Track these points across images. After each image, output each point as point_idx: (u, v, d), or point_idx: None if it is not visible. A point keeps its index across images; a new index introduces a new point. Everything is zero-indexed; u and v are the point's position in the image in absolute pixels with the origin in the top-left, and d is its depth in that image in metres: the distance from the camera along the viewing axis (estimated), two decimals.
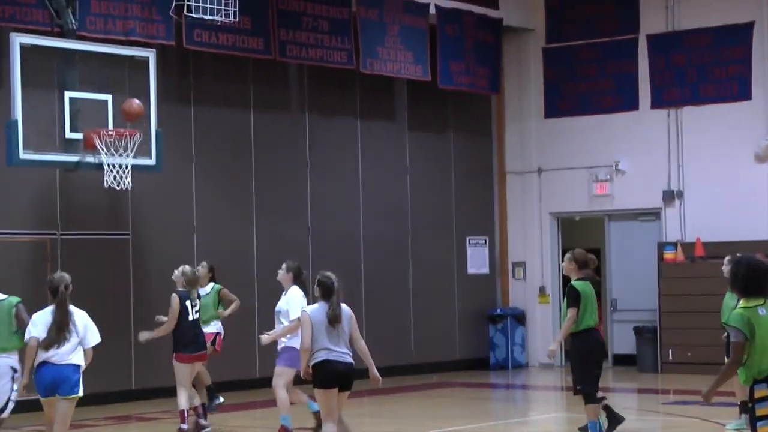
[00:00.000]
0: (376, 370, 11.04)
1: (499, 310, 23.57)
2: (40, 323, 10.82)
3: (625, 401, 19.30)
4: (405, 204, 22.58)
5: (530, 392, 20.65)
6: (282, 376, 13.44)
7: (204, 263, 15.74)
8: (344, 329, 10.89)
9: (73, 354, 10.76)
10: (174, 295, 13.82)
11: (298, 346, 13.22)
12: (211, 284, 15.46)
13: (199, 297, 14.09)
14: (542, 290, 23.65)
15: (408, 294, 22.50)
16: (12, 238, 17.19)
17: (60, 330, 10.71)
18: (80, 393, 10.80)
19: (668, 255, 21.94)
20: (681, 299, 21.51)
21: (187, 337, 13.81)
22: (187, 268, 14.16)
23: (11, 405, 11.59)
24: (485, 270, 23.84)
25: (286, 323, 13.24)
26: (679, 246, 21.86)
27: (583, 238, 25.00)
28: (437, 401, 18.60)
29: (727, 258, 14.14)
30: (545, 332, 23.14)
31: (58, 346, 10.68)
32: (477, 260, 23.72)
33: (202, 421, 14.01)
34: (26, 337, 10.92)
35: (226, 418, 15.62)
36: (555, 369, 23.03)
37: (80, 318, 10.89)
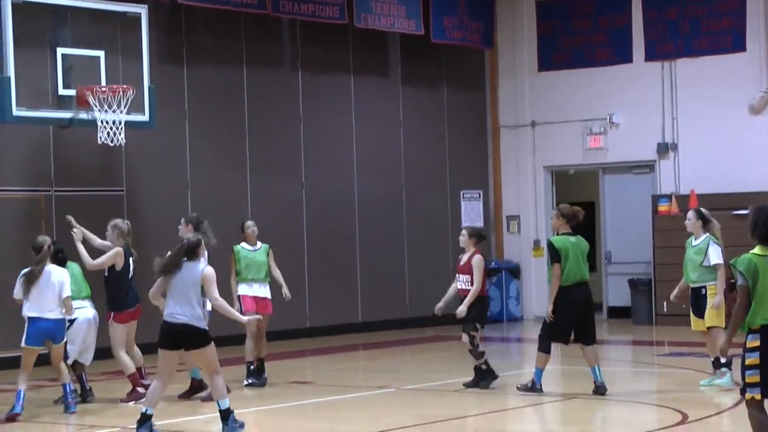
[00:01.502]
0: (243, 318, 11.58)
1: (493, 264, 23.61)
2: (22, 282, 12.62)
3: (620, 353, 19.40)
4: (399, 159, 22.57)
5: (525, 345, 20.70)
6: None
7: (252, 222, 15.07)
8: (189, 287, 10.90)
9: (56, 308, 12.50)
10: (119, 248, 13.47)
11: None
12: (260, 243, 14.87)
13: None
14: (536, 243, 23.69)
15: (403, 248, 22.53)
16: (6, 194, 17.18)
17: (29, 283, 12.46)
18: (65, 339, 12.77)
19: (662, 207, 21.96)
20: (675, 251, 21.39)
21: (126, 296, 13.51)
22: (118, 221, 13.78)
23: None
24: (479, 224, 23.86)
25: None
26: (673, 198, 21.88)
27: (577, 192, 25.06)
28: (432, 355, 18.68)
29: (690, 212, 14.16)
30: (540, 285, 23.17)
31: (29, 291, 12.42)
32: (471, 214, 23.74)
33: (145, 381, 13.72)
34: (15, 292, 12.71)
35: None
36: None
37: (57, 275, 12.58)
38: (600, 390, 13.09)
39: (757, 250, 8.68)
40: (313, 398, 13.71)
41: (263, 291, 14.68)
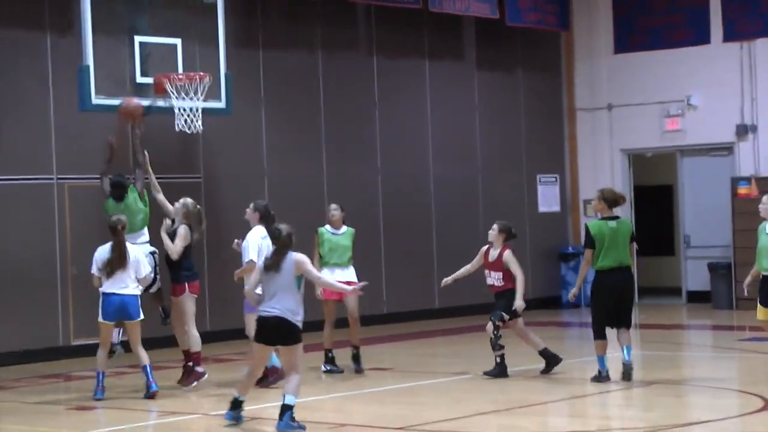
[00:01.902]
0: (347, 287, 11.64)
1: (570, 248, 23.48)
2: (97, 261, 12.94)
3: (700, 338, 19.24)
4: (474, 143, 22.50)
5: None
6: (249, 324, 13.29)
7: (336, 205, 14.96)
8: (284, 280, 10.74)
9: (132, 284, 12.84)
10: (186, 227, 13.65)
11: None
12: (345, 227, 14.82)
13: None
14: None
15: (478, 233, 22.43)
16: (86, 182, 17.36)
17: (118, 262, 12.75)
18: (141, 316, 12.93)
19: (742, 190, 21.69)
20: (755, 234, 21.24)
21: (194, 267, 13.78)
22: (189, 200, 13.93)
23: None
24: (556, 208, 23.75)
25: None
26: (753, 180, 21.61)
27: (655, 175, 24.85)
28: (510, 340, 18.57)
29: (765, 196, 13.93)
30: None
31: (113, 274, 12.73)
32: (548, 198, 23.62)
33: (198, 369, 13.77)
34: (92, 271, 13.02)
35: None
36: None
37: (134, 253, 12.96)
38: (626, 369, 13.01)
39: None
40: (392, 384, 13.75)
41: (346, 275, 14.47)
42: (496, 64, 22.87)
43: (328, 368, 14.58)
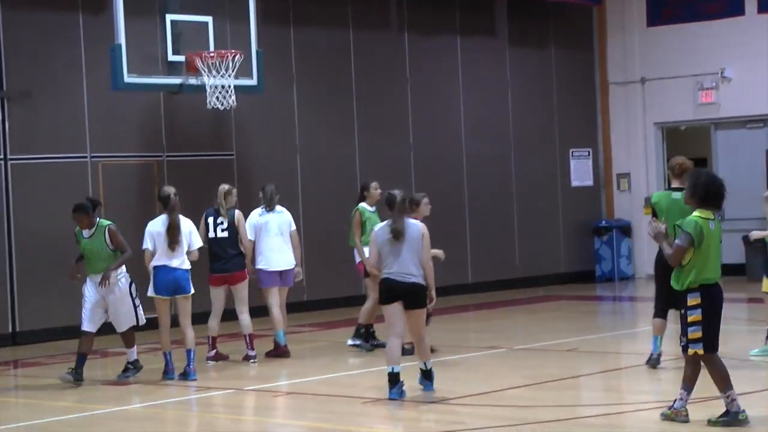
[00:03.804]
0: (433, 291, 11.08)
1: (604, 222, 23.42)
2: (151, 235, 12.71)
3: (735, 311, 19.12)
4: (507, 119, 22.45)
5: (637, 304, 20.56)
6: (267, 297, 14.09)
7: (377, 183, 14.63)
8: (413, 246, 10.84)
9: (183, 258, 12.71)
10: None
11: (261, 266, 13.91)
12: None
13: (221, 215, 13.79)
14: (647, 201, 23.40)
15: (512, 209, 22.44)
16: (120, 161, 17.46)
17: (173, 235, 12.56)
18: (192, 291, 12.82)
19: None
20: None
21: (212, 260, 13.81)
22: (222, 186, 13.99)
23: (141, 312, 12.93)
24: (589, 182, 23.68)
25: None
26: None
27: (688, 148, 24.62)
28: (544, 315, 18.61)
29: None
30: (651, 243, 22.90)
31: (173, 250, 12.58)
32: (581, 172, 23.56)
33: (250, 352, 13.89)
34: (144, 246, 12.72)
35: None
36: None
37: (186, 225, 12.81)
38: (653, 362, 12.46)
39: (697, 213, 9.08)
40: None
41: None
42: (528, 39, 22.79)
43: (358, 342, 14.46)
